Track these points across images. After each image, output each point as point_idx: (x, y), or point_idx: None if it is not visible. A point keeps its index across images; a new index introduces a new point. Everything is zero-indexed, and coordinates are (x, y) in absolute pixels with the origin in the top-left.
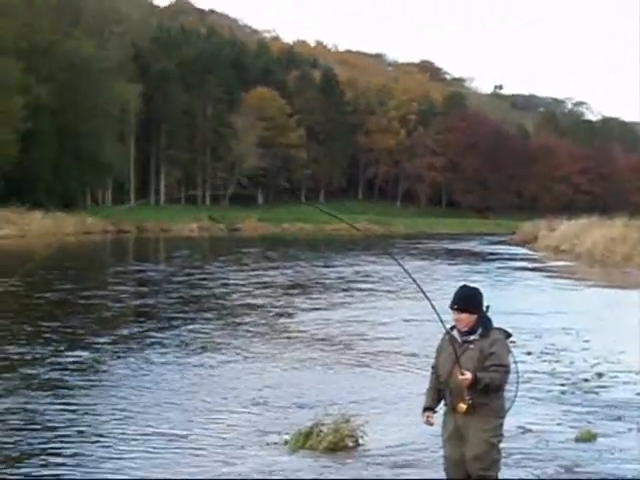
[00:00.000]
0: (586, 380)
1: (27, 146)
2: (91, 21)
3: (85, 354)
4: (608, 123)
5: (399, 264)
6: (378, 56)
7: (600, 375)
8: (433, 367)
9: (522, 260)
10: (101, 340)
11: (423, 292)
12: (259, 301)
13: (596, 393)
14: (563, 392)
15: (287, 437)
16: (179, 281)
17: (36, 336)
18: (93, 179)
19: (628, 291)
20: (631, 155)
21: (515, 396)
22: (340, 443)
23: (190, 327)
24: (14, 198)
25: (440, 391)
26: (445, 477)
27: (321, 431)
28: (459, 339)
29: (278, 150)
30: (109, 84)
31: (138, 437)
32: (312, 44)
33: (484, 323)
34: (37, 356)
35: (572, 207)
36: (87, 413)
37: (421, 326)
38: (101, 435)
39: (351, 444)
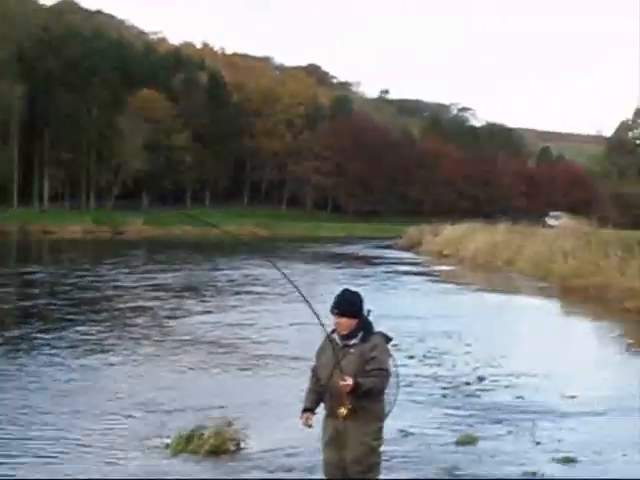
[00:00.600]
0: (467, 384)
1: None
2: None
3: None
4: (492, 129)
5: (278, 269)
6: (265, 59)
7: (481, 379)
8: (313, 370)
9: (406, 264)
10: None
11: (303, 296)
12: (149, 303)
13: (477, 397)
14: (444, 396)
15: (168, 441)
16: (68, 283)
17: None
18: None
19: (510, 295)
20: (514, 160)
21: (395, 400)
22: (222, 446)
23: (79, 329)
24: None
25: (320, 393)
26: None
27: (203, 434)
28: (339, 343)
29: (163, 152)
30: None
31: (21, 439)
32: (199, 46)
33: (365, 327)
34: None
35: (456, 212)
36: None
37: (306, 330)
38: None
39: (233, 447)
